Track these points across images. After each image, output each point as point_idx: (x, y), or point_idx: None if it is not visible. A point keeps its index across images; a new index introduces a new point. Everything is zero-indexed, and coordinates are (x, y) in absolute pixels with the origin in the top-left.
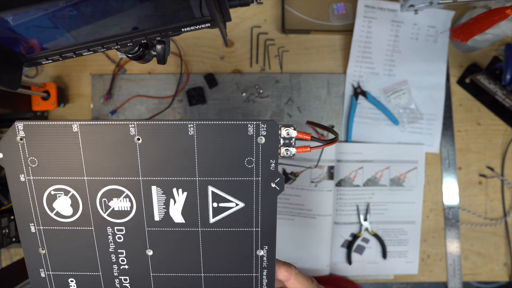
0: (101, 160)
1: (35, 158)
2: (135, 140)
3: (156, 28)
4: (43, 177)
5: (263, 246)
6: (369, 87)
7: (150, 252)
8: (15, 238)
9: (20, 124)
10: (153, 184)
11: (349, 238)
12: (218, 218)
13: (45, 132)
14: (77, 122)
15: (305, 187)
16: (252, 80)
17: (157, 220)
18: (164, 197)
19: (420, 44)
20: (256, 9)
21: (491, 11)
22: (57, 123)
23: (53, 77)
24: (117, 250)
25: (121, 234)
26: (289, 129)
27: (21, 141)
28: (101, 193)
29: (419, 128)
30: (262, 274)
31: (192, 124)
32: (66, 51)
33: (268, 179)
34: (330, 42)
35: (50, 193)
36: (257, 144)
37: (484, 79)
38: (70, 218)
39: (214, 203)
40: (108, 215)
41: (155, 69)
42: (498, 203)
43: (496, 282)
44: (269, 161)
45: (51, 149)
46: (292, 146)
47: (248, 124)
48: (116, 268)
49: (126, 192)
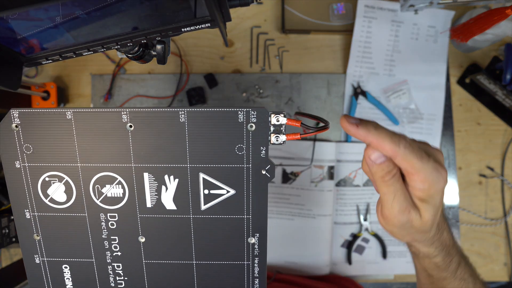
0: (94, 147)
1: (30, 145)
2: (127, 127)
3: (156, 28)
4: (37, 164)
5: (254, 234)
6: (369, 87)
7: (142, 239)
8: (15, 238)
9: (16, 112)
10: (145, 171)
11: (349, 238)
12: (209, 205)
13: (40, 120)
14: (71, 110)
15: (305, 187)
16: (252, 80)
17: (149, 206)
18: (156, 184)
19: (420, 44)
20: (256, 9)
21: (491, 11)
22: (51, 111)
23: (53, 77)
24: (110, 236)
25: (113, 221)
26: (279, 116)
27: (16, 128)
28: (94, 179)
29: (419, 128)
30: (253, 262)
31: (183, 111)
32: (66, 51)
33: (258, 166)
34: (330, 42)
35: (44, 179)
36: (248, 131)
37: (484, 79)
38: (64, 205)
39: (206, 190)
40: (101, 201)
41: (155, 69)
42: (498, 203)
43: (496, 282)
44: (260, 148)
45: (46, 136)
46: (282, 133)
47: (238, 111)
48: (109, 254)
49: (119, 179)
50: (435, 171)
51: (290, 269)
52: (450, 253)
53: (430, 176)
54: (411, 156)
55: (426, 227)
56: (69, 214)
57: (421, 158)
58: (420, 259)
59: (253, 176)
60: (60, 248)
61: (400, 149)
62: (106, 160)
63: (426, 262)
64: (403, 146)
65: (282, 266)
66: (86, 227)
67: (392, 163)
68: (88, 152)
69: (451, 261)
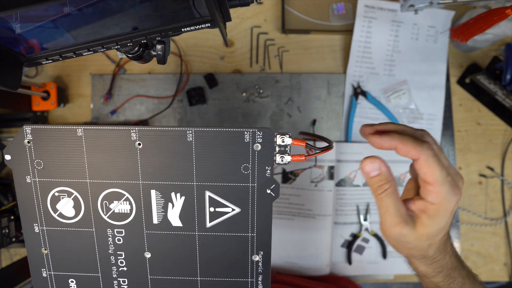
0: (103, 164)
1: (41, 160)
2: (136, 145)
3: (156, 28)
4: (48, 179)
5: (258, 252)
6: (369, 87)
7: (148, 254)
8: (15, 238)
9: (28, 128)
10: (152, 188)
11: (349, 238)
12: (214, 222)
13: (51, 136)
14: (82, 127)
15: (305, 187)
16: (252, 80)
17: (156, 223)
18: (162, 200)
19: (420, 44)
20: (256, 9)
21: (491, 11)
22: (62, 128)
23: (53, 77)
24: (117, 252)
25: (120, 236)
26: (284, 136)
27: (28, 144)
28: (102, 195)
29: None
30: (257, 280)
31: (191, 130)
32: (66, 51)
33: (263, 185)
34: (330, 42)
35: (54, 194)
36: (253, 151)
37: (484, 79)
38: (72, 220)
39: (211, 207)
40: (109, 217)
41: (155, 69)
42: (498, 203)
43: (496, 282)
44: (265, 167)
45: (56, 152)
46: (287, 153)
47: (244, 132)
48: (115, 269)
49: (126, 195)
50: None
51: (290, 269)
52: (451, 276)
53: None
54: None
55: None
56: (77, 229)
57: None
58: (420, 277)
59: (258, 195)
60: (67, 262)
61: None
62: (114, 176)
63: (426, 281)
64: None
65: (281, 266)
66: (93, 242)
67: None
68: (97, 169)
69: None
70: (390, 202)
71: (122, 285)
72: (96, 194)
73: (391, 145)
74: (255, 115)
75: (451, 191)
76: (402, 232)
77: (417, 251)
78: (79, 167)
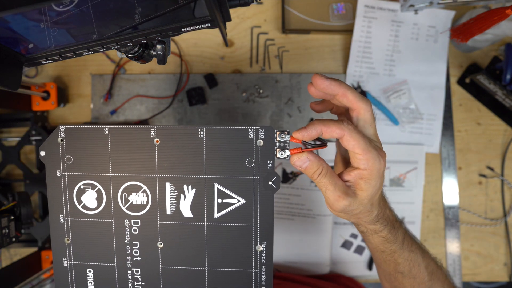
0: (125, 159)
1: (71, 156)
2: (154, 142)
3: (156, 28)
4: (75, 173)
5: (261, 242)
6: (369, 87)
7: (160, 244)
8: (15, 238)
9: (62, 128)
10: (167, 181)
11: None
12: (222, 213)
13: (81, 134)
14: (108, 126)
15: (305, 187)
16: (252, 80)
17: (169, 214)
18: (176, 192)
19: (420, 44)
20: (256, 9)
21: (491, 11)
22: (91, 127)
23: (53, 77)
24: (132, 242)
25: (136, 227)
26: (283, 133)
27: (61, 142)
28: (122, 188)
29: (419, 128)
30: (261, 270)
31: (202, 128)
32: (66, 51)
33: (266, 177)
34: (330, 42)
35: (80, 187)
36: (257, 146)
37: (484, 79)
38: (94, 211)
39: (219, 199)
40: (127, 208)
41: (155, 69)
42: (498, 203)
43: (496, 282)
44: (267, 161)
45: (85, 149)
46: (286, 148)
47: (248, 129)
48: (130, 259)
49: (144, 188)
50: (378, 152)
51: (290, 269)
52: (395, 226)
53: (373, 156)
54: (356, 133)
55: (364, 206)
56: (97, 220)
57: (365, 138)
58: (369, 237)
59: (261, 187)
60: (86, 252)
61: (345, 127)
62: (134, 170)
63: (375, 238)
64: (347, 124)
65: (281, 266)
66: (111, 232)
67: (317, 163)
68: (119, 163)
69: (397, 233)
70: (327, 180)
71: (135, 274)
72: (117, 186)
73: (317, 133)
74: (255, 115)
75: (377, 155)
76: (345, 202)
77: (364, 214)
78: (104, 162)
